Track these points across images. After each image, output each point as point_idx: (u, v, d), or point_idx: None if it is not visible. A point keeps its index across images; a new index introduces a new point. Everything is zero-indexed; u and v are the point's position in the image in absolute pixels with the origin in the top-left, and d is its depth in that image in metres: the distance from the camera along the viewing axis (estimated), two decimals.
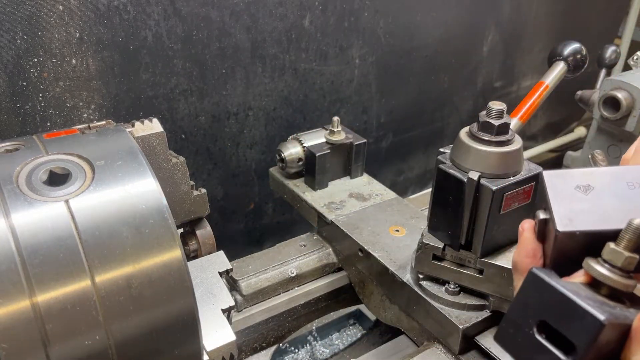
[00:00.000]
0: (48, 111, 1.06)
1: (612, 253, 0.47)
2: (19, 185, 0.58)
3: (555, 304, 0.45)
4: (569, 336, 0.44)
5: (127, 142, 0.66)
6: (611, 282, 0.47)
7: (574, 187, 0.54)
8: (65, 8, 1.00)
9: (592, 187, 0.54)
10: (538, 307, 0.47)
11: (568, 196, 0.53)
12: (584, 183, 0.54)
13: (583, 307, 0.44)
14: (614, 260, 0.47)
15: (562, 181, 0.54)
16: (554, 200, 0.53)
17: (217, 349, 0.70)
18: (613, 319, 0.43)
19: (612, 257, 0.47)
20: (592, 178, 0.54)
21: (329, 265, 1.09)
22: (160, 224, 0.59)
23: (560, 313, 0.45)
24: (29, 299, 0.53)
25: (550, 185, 0.54)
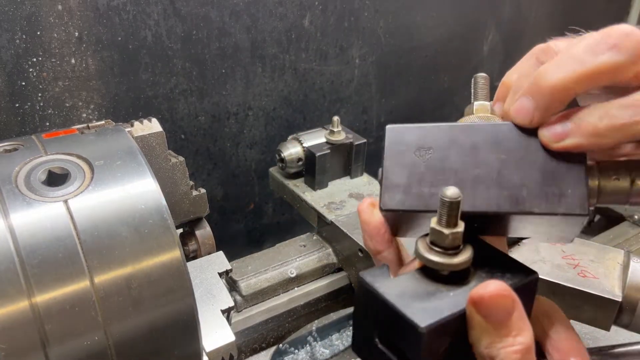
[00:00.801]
0: (47, 111, 1.06)
1: (434, 234, 0.42)
2: (18, 186, 0.58)
3: (382, 312, 0.42)
4: (400, 346, 0.41)
5: (127, 142, 0.66)
6: (440, 267, 0.42)
7: (414, 149, 0.48)
8: (65, 8, 1.00)
9: (431, 152, 0.47)
10: (371, 316, 0.43)
11: (404, 161, 0.48)
12: (425, 146, 0.47)
13: (403, 314, 0.39)
14: (438, 240, 0.42)
15: (403, 139, 0.49)
16: (388, 165, 0.49)
17: (216, 350, 0.70)
18: (437, 321, 0.39)
19: (435, 238, 0.42)
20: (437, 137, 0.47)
21: (329, 266, 1.09)
22: (159, 224, 0.59)
23: (387, 321, 0.41)
24: (28, 299, 0.53)
25: (390, 143, 0.49)
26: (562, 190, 0.43)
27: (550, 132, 0.44)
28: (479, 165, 0.45)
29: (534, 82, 0.44)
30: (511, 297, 0.39)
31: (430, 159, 0.47)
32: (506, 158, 0.45)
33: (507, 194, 0.44)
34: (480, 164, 0.45)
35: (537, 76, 0.44)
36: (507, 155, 0.45)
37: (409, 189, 0.46)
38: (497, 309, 0.39)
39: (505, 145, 0.45)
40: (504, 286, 0.39)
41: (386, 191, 0.47)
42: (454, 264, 0.42)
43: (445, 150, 0.47)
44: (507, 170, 0.44)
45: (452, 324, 0.40)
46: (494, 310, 0.39)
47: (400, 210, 0.47)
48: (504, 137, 0.45)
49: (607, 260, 0.79)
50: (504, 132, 0.46)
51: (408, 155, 0.48)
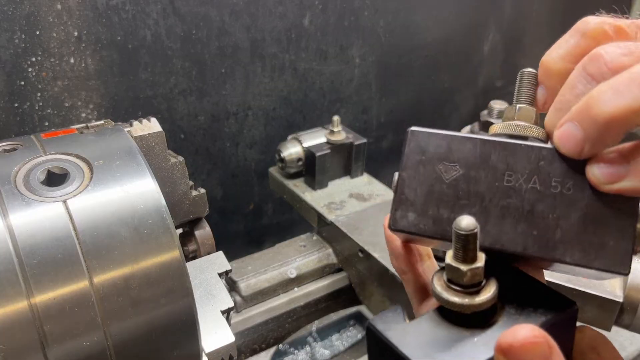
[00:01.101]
0: (46, 111, 1.05)
1: (450, 270, 0.37)
2: (17, 186, 0.57)
3: None
4: None
5: (126, 141, 0.66)
6: (459, 308, 0.36)
7: (437, 162, 0.41)
8: (64, 7, 1.00)
9: (457, 168, 0.40)
10: None
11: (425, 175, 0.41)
12: (451, 160, 0.41)
13: None
14: (455, 278, 0.37)
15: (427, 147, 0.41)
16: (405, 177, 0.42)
17: (216, 350, 0.69)
18: None
19: (452, 275, 0.37)
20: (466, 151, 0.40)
21: (329, 266, 1.08)
22: (159, 225, 0.59)
23: None
24: (27, 300, 0.52)
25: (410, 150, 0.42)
26: (603, 240, 0.36)
27: (602, 171, 0.37)
28: (510, 195, 0.39)
29: (584, 107, 0.36)
30: (547, 343, 0.32)
31: (455, 177, 0.40)
32: (543, 190, 0.38)
33: (537, 234, 0.38)
34: (512, 193, 0.39)
35: (589, 101, 0.35)
36: (544, 187, 0.38)
37: (426, 210, 0.41)
38: (530, 357, 0.32)
39: (544, 175, 0.38)
40: (537, 331, 0.32)
41: (399, 208, 0.42)
42: (476, 304, 0.36)
43: (473, 170, 0.40)
44: (542, 205, 0.38)
45: None
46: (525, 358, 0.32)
47: (412, 232, 0.41)
48: (544, 164, 0.38)
49: None
50: (545, 158, 0.38)
51: (430, 168, 0.41)
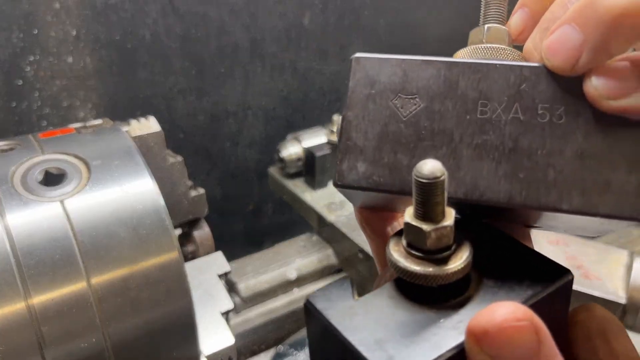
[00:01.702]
0: (44, 110, 1.05)
1: (410, 231, 0.28)
2: (15, 186, 0.57)
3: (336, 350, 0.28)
4: None
5: (124, 141, 0.65)
6: (422, 280, 0.27)
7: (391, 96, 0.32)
8: (62, 6, 0.99)
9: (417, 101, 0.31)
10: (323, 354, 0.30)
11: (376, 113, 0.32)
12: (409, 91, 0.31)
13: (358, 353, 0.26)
14: (416, 241, 0.27)
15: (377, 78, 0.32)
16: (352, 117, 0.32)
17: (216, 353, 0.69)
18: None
19: (413, 238, 0.28)
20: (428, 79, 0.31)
21: (329, 267, 1.08)
22: (157, 225, 0.59)
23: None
24: (25, 301, 0.52)
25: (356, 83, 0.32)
26: (607, 177, 0.28)
27: (605, 83, 0.28)
28: (486, 129, 0.30)
29: (586, 3, 0.27)
30: (533, 327, 0.24)
31: (415, 113, 0.31)
32: (528, 121, 0.29)
33: (523, 178, 0.29)
34: (489, 128, 0.30)
35: None
36: (529, 117, 0.29)
37: (379, 158, 0.31)
38: (512, 346, 0.24)
39: (528, 101, 0.30)
40: (521, 311, 0.24)
41: (345, 158, 0.32)
42: (442, 275, 0.27)
43: (438, 101, 0.31)
44: (527, 139, 0.29)
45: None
46: (507, 348, 0.24)
47: (363, 187, 0.32)
48: (527, 88, 0.30)
49: (611, 261, 0.79)
50: (528, 79, 0.30)
51: (382, 104, 0.32)
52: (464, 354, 0.25)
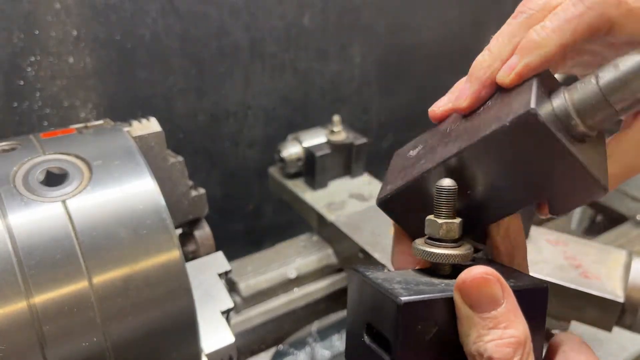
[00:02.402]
0: (45, 110, 1.05)
1: (430, 225, 0.41)
2: (16, 186, 0.57)
3: (370, 300, 0.40)
4: (383, 331, 0.38)
5: (125, 141, 0.66)
6: (433, 257, 0.40)
7: (408, 154, 0.50)
8: (62, 6, 0.99)
9: (419, 146, 0.49)
10: (362, 308, 0.41)
11: (400, 165, 0.49)
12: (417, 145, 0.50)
13: (383, 292, 0.37)
14: (433, 232, 0.41)
15: (404, 154, 0.51)
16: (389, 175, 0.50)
17: (216, 352, 0.69)
18: (417, 299, 0.36)
19: (431, 230, 0.41)
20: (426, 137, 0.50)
21: (329, 266, 1.08)
22: (158, 225, 0.59)
23: (374, 308, 0.39)
24: (26, 300, 0.52)
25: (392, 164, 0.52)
26: (511, 106, 0.40)
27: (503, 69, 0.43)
28: (448, 134, 0.46)
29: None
30: (498, 282, 0.36)
31: (419, 151, 0.48)
32: (471, 117, 0.45)
33: (467, 137, 0.42)
34: (451, 131, 0.46)
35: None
36: (472, 117, 0.45)
37: (397, 176, 0.47)
38: (482, 294, 0.36)
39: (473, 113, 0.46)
40: (490, 270, 0.36)
41: (381, 191, 0.48)
42: (449, 254, 0.40)
43: (429, 141, 0.48)
44: (470, 123, 0.44)
45: (437, 310, 0.37)
46: (479, 295, 0.36)
47: (389, 195, 0.46)
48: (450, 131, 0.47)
49: (609, 261, 0.79)
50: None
51: (403, 160, 0.50)
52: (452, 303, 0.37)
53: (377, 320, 0.39)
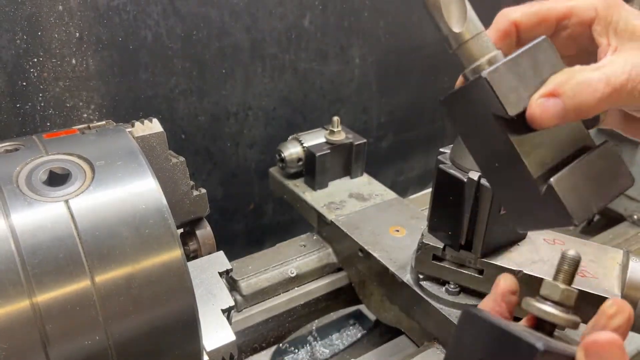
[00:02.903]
0: (48, 111, 1.06)
1: (549, 287, 0.45)
2: (19, 186, 0.58)
3: (491, 340, 0.43)
4: None
5: (127, 142, 0.66)
6: (551, 317, 0.44)
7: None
8: (65, 8, 1.00)
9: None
10: (474, 347, 0.44)
11: None
12: None
13: (519, 336, 0.41)
14: (551, 295, 0.45)
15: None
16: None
17: (217, 349, 0.70)
18: (552, 348, 0.40)
19: (549, 292, 0.45)
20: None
21: (329, 266, 1.09)
22: (160, 224, 0.59)
23: (496, 348, 0.42)
24: (29, 299, 0.53)
25: None
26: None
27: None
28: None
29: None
30: (622, 349, 0.40)
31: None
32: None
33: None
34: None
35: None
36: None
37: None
38: (610, 356, 0.39)
39: None
40: (617, 337, 0.40)
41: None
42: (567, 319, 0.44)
43: None
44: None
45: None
46: (604, 357, 0.39)
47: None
48: None
49: (607, 260, 0.79)
50: None
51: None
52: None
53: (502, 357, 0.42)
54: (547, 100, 0.46)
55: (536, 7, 0.56)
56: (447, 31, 0.54)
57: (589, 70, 0.47)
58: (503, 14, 0.58)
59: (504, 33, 0.57)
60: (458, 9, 0.53)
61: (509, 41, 0.57)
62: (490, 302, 0.52)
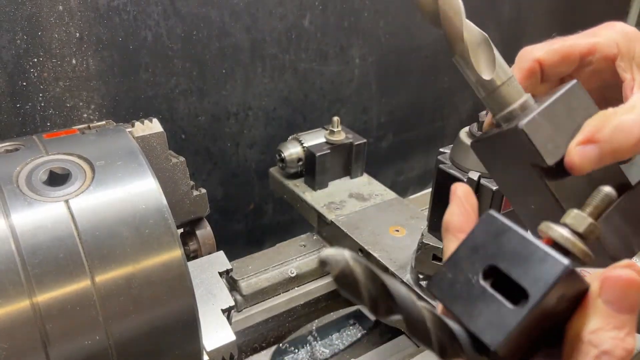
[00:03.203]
0: (48, 111, 1.06)
1: (574, 217, 0.42)
2: (19, 186, 0.58)
3: (511, 248, 0.40)
4: (522, 282, 0.38)
5: (127, 142, 0.66)
6: (571, 245, 0.41)
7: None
8: (65, 8, 1.00)
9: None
10: (490, 251, 0.41)
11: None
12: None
13: (545, 250, 0.38)
14: (575, 224, 0.42)
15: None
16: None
17: (217, 349, 0.70)
18: (576, 271, 0.37)
19: (574, 222, 0.42)
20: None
21: None
22: (160, 224, 0.60)
23: (516, 257, 0.39)
24: (29, 299, 0.53)
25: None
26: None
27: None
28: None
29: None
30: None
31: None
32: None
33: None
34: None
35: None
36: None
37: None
38: (626, 294, 0.36)
39: None
40: (638, 278, 0.37)
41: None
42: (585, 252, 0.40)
43: None
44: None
45: (575, 288, 0.38)
46: (621, 294, 0.36)
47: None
48: None
49: None
50: None
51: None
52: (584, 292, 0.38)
53: (514, 269, 0.38)
54: (584, 147, 0.46)
55: (559, 45, 0.57)
56: (476, 79, 0.52)
57: (623, 113, 0.47)
58: (526, 52, 0.58)
59: (529, 72, 0.57)
60: (486, 56, 0.53)
61: (534, 79, 0.57)
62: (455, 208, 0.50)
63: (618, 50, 0.54)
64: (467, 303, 0.39)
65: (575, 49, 0.56)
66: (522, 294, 0.37)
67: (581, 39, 0.56)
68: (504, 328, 0.36)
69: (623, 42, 0.54)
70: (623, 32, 0.55)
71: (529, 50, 0.58)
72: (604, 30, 0.56)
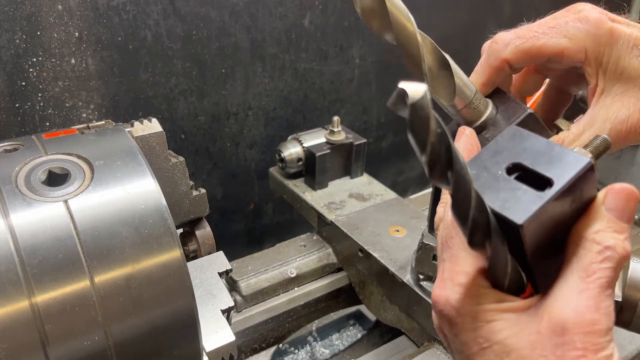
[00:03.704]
0: (47, 111, 1.06)
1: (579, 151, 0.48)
2: (18, 186, 0.58)
3: (536, 150, 0.44)
4: (547, 174, 0.42)
5: (127, 142, 0.66)
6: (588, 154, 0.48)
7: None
8: (65, 8, 1.00)
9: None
10: (514, 153, 0.45)
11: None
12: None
13: (568, 151, 0.43)
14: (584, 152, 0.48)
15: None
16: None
17: (216, 350, 0.70)
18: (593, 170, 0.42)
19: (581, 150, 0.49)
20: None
21: (329, 266, 1.09)
22: (159, 224, 0.59)
23: (540, 156, 0.43)
24: (28, 300, 0.53)
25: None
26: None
27: None
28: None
29: None
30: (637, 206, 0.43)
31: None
32: None
33: None
34: None
35: None
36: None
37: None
38: (626, 205, 0.42)
39: None
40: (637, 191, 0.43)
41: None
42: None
43: None
44: None
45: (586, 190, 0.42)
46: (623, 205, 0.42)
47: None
48: None
49: None
50: None
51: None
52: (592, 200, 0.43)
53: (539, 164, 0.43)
54: None
55: (527, 46, 0.60)
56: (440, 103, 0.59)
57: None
58: (493, 52, 0.62)
59: (498, 70, 0.62)
60: (445, 86, 0.59)
61: (503, 74, 0.62)
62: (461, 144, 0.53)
63: (586, 57, 0.57)
64: (493, 192, 0.42)
65: (544, 52, 0.58)
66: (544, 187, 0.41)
67: (551, 38, 0.59)
68: (529, 208, 0.40)
69: (592, 47, 0.57)
70: (595, 34, 0.57)
71: (496, 50, 0.61)
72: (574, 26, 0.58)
